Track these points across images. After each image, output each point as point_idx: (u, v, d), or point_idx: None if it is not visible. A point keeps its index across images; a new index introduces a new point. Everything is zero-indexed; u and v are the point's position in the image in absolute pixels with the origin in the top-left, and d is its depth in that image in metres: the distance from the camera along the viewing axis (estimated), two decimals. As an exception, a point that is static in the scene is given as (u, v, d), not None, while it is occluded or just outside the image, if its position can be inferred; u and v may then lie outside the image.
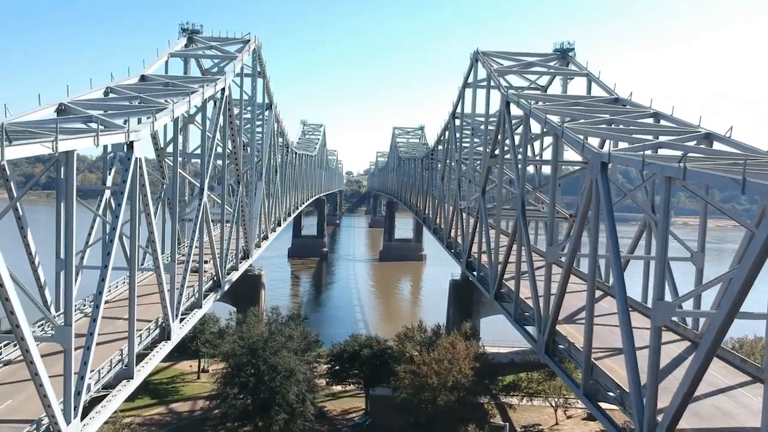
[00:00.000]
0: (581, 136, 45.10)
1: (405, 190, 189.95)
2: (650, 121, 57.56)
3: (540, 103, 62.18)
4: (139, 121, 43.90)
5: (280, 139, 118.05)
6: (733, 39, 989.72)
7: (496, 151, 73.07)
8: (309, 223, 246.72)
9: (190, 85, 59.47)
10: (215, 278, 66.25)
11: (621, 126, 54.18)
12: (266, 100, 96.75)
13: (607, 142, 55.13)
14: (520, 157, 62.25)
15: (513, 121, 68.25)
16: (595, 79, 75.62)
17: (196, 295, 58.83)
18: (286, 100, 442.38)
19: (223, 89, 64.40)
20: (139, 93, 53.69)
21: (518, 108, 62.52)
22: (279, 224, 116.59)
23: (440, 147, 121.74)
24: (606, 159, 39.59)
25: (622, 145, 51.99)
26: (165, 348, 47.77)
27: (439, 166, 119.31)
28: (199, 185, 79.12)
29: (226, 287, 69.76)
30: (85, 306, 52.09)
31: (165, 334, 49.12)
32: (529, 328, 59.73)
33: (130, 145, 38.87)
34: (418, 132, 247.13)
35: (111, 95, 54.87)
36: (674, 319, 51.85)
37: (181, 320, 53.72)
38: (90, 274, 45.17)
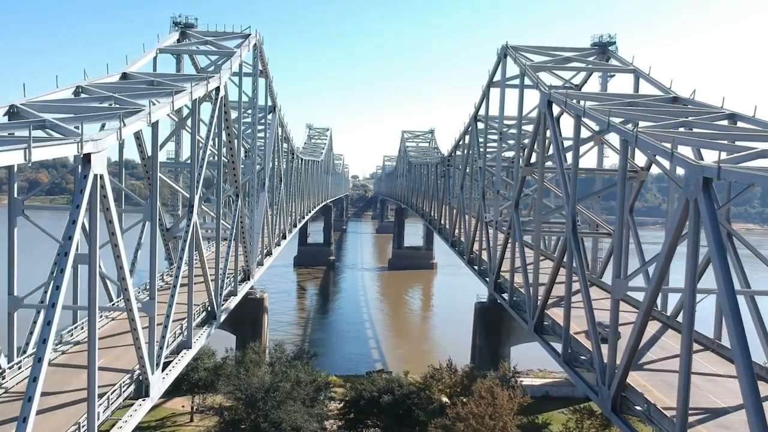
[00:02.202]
0: (667, 144, 35.54)
1: (416, 197, 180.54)
2: (726, 123, 48.08)
3: (589, 103, 52.48)
4: (106, 126, 34.59)
5: (285, 145, 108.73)
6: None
7: (533, 158, 63.71)
8: (315, 229, 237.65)
9: (179, 84, 50.12)
10: (209, 308, 56.84)
11: (698, 130, 44.52)
12: (269, 102, 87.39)
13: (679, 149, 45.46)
14: (568, 165, 52.75)
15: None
16: (645, 76, 66.00)
17: (185, 333, 49.40)
18: (290, 102, 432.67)
19: (217, 88, 55.07)
20: (114, 92, 44.47)
21: (567, 109, 52.99)
22: (284, 237, 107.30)
23: (458, 152, 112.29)
24: (712, 174, 30.01)
25: (707, 153, 42.68)
26: (141, 410, 38.26)
27: (458, 173, 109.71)
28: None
29: (223, 317, 60.37)
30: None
31: (143, 389, 39.76)
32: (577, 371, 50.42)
33: (87, 159, 29.58)
34: (428, 136, 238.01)
35: (82, 95, 45.84)
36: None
37: (165, 367, 44.38)
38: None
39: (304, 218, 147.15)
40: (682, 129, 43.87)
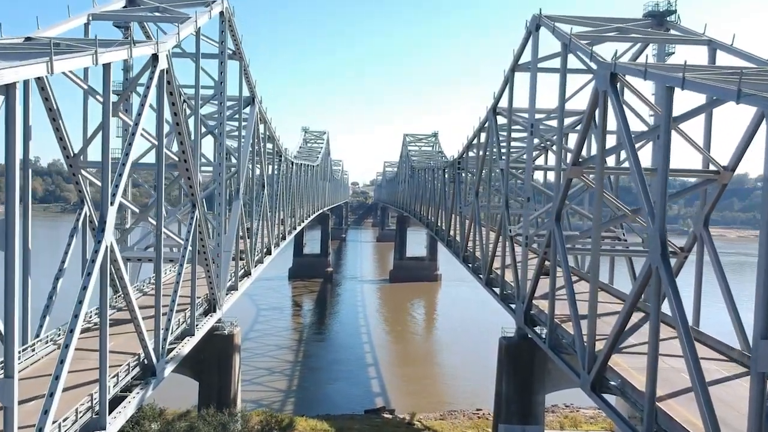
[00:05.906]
0: None
1: (419, 204, 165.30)
2: None
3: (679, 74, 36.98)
4: None
5: (269, 146, 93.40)
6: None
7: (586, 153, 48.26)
8: (313, 239, 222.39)
9: (90, 47, 34.70)
10: (144, 361, 41.19)
11: None
12: (245, 92, 71.97)
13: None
14: (646, 163, 37.35)
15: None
16: (726, 47, 50.67)
17: (97, 407, 33.72)
18: (288, 107, 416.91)
19: (154, 57, 39.55)
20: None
21: (649, 81, 37.59)
22: (269, 253, 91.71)
23: (471, 153, 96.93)
24: None
25: None
26: None
27: (471, 177, 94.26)
28: (150, 206, 55.29)
29: (169, 370, 44.65)
30: None
31: None
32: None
33: None
34: (432, 139, 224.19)
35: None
36: None
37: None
38: None
39: (295, 229, 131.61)
40: None
